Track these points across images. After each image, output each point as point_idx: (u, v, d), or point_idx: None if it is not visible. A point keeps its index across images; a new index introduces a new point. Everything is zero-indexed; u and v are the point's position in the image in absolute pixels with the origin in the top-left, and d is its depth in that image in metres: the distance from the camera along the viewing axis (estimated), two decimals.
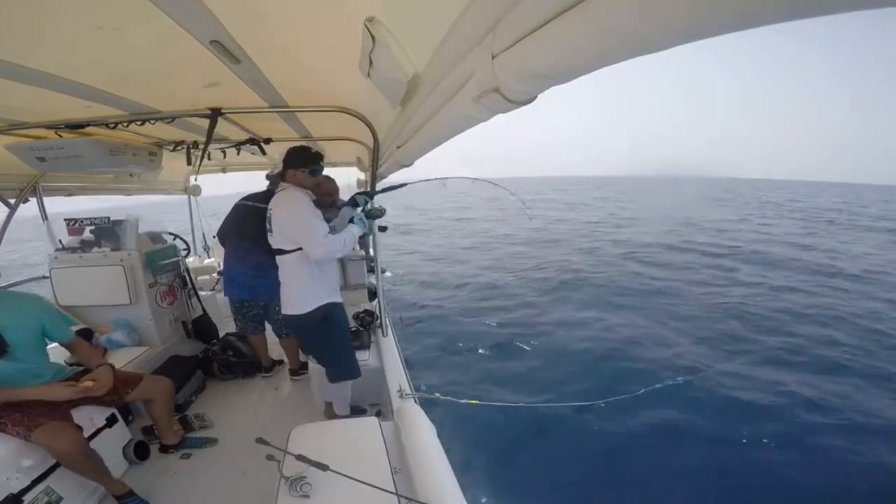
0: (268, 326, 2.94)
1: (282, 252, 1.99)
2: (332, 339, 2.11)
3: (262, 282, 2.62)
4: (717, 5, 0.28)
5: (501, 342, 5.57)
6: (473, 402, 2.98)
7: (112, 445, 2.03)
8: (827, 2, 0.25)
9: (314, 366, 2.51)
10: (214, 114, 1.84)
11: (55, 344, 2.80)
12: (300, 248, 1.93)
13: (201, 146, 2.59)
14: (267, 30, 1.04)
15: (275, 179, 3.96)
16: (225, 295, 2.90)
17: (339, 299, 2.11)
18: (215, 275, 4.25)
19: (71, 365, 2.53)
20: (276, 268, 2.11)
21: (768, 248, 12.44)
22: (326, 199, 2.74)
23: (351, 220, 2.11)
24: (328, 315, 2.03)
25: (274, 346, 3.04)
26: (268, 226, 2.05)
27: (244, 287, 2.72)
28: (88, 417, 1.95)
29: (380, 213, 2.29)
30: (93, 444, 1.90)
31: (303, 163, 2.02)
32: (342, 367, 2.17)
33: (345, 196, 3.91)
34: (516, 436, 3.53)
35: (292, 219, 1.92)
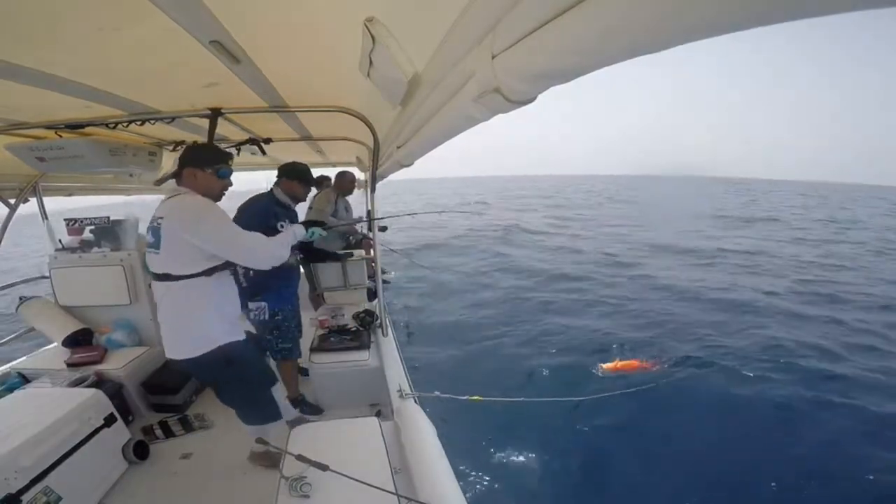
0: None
1: (168, 278, 1.56)
2: (245, 383, 1.80)
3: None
4: (717, 5, 0.28)
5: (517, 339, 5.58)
6: (475, 398, 2.97)
7: (111, 445, 2.03)
8: (828, 2, 0.25)
9: (315, 367, 2.51)
10: (214, 114, 1.84)
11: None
12: (193, 276, 1.56)
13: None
14: (267, 30, 1.04)
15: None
16: None
17: (241, 336, 1.75)
18: None
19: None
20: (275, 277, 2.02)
21: None
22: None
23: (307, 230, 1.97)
24: (231, 357, 1.67)
25: None
26: (150, 239, 1.62)
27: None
28: (87, 417, 1.95)
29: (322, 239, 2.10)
30: (91, 443, 1.91)
31: (207, 161, 1.64)
32: (259, 412, 1.90)
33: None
34: (519, 431, 3.53)
35: (215, 230, 1.53)
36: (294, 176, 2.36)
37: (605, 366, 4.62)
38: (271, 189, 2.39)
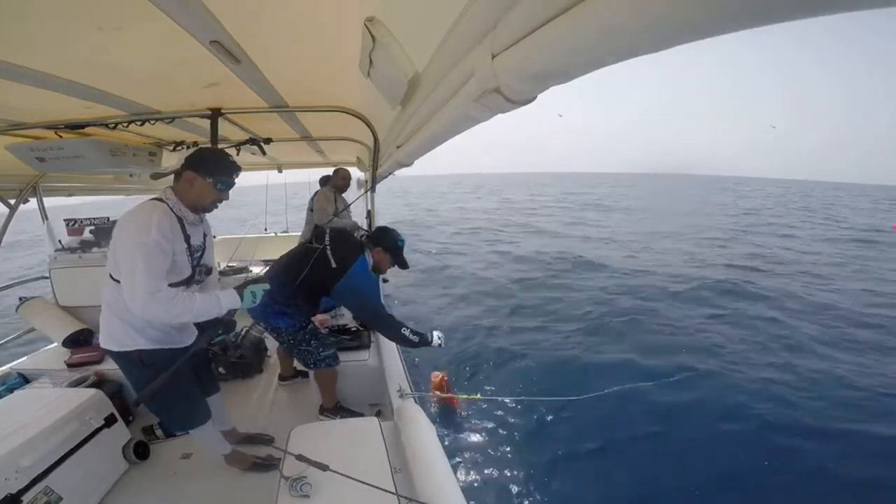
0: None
1: (111, 275, 1.55)
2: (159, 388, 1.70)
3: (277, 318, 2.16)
4: (717, 5, 0.28)
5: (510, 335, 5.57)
6: (475, 397, 2.97)
7: (111, 445, 2.03)
8: (828, 1, 0.25)
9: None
10: (215, 114, 1.85)
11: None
12: (119, 281, 1.49)
13: (201, 146, 2.60)
14: (267, 30, 1.05)
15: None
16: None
17: (164, 345, 1.65)
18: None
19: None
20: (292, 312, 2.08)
21: None
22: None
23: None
24: (147, 362, 1.62)
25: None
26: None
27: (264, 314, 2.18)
28: (87, 417, 1.96)
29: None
30: (91, 443, 1.91)
31: (213, 169, 1.51)
32: (176, 418, 1.85)
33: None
34: (520, 430, 3.53)
35: (128, 248, 1.40)
36: (392, 250, 2.15)
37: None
38: (364, 247, 2.15)
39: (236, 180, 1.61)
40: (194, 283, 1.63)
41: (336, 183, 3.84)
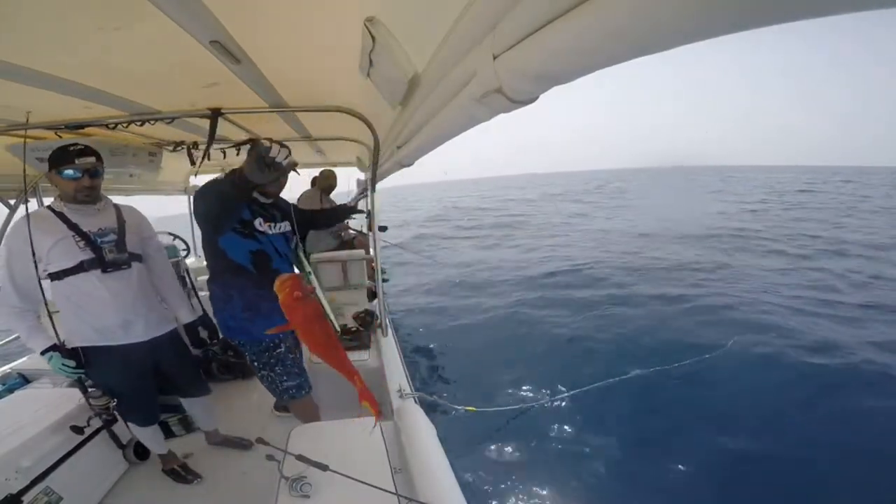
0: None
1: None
2: (102, 385, 1.78)
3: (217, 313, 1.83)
4: (719, 5, 0.28)
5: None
6: (470, 408, 2.95)
7: (111, 445, 2.03)
8: (829, 2, 0.25)
9: (314, 367, 2.50)
10: (214, 114, 1.84)
11: None
12: (48, 279, 1.61)
13: (201, 146, 2.59)
14: (267, 30, 1.05)
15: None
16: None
17: (104, 342, 1.67)
18: None
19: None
20: (222, 290, 1.76)
21: None
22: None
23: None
24: (86, 359, 1.67)
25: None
26: None
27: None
28: (85, 418, 1.95)
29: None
30: (92, 443, 1.91)
31: (52, 162, 1.62)
32: (124, 414, 1.90)
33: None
34: (519, 438, 3.52)
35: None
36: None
37: None
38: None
39: (86, 163, 1.64)
40: (112, 266, 1.68)
41: (321, 184, 3.83)
